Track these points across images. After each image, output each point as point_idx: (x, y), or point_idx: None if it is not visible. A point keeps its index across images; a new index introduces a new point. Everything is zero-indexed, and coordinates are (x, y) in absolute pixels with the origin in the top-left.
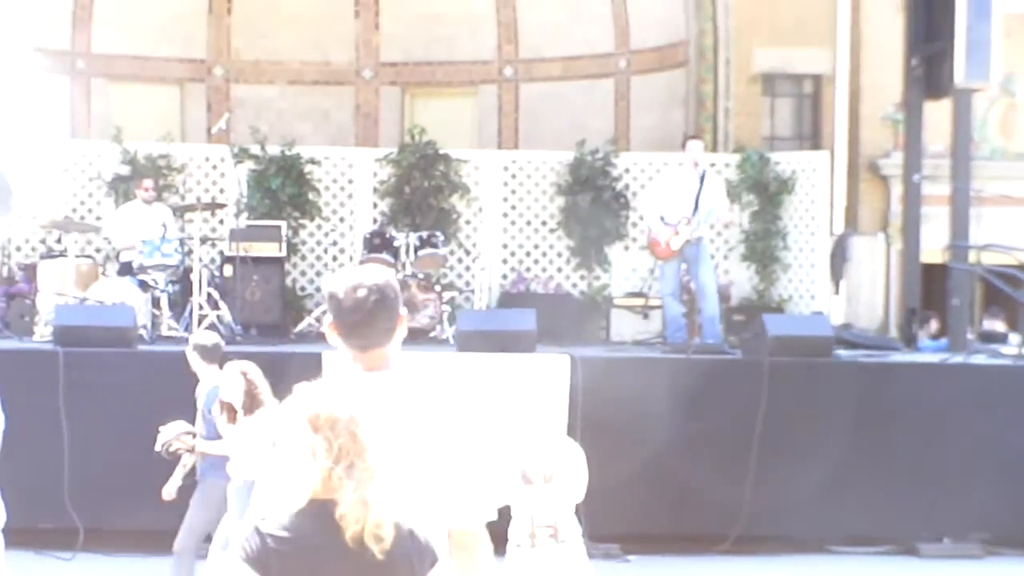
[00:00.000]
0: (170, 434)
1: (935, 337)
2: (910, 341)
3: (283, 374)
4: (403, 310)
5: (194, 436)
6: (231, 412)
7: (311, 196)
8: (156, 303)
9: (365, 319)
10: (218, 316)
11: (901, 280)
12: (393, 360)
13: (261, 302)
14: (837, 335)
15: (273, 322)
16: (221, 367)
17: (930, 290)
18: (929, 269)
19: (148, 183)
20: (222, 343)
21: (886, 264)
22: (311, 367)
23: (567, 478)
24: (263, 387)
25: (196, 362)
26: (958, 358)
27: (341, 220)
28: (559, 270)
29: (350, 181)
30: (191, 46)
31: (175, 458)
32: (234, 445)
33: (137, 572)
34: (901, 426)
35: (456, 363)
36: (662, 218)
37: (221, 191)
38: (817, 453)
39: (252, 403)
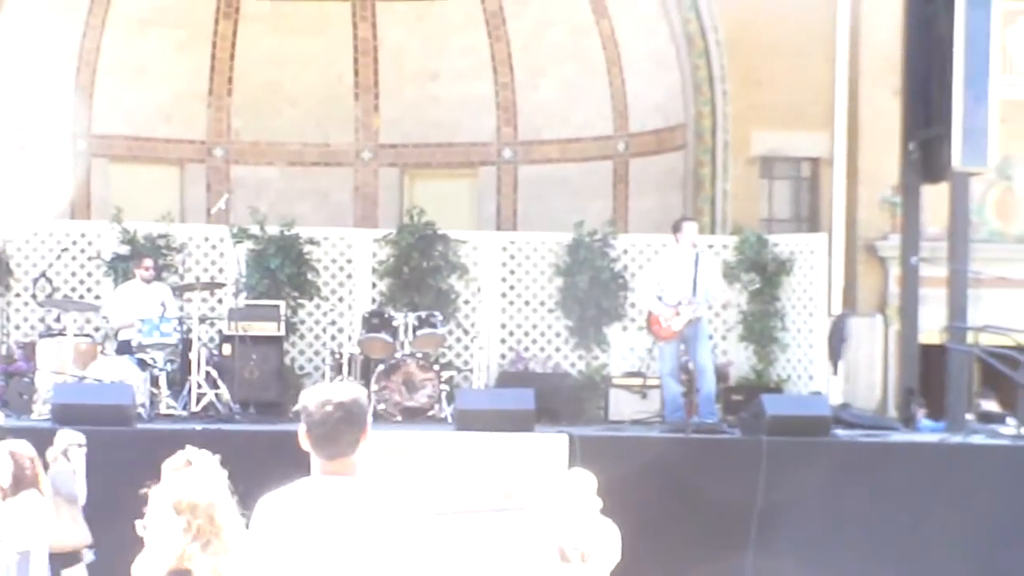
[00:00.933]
0: None
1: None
2: (908, 421)
3: (281, 452)
4: (370, 422)
5: None
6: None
7: (310, 276)
8: (155, 382)
9: (331, 432)
10: (216, 395)
11: (899, 360)
12: (359, 468)
13: (260, 381)
14: (835, 415)
15: (271, 401)
16: None
17: (928, 371)
18: (927, 350)
19: (148, 263)
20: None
21: (884, 345)
22: None
23: (603, 556)
24: (34, 465)
25: None
26: (957, 438)
27: (340, 300)
28: (557, 350)
29: (349, 261)
30: (191, 127)
31: None
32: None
33: None
34: (899, 505)
35: (455, 442)
36: (660, 299)
37: (220, 271)
38: (816, 532)
39: (19, 484)
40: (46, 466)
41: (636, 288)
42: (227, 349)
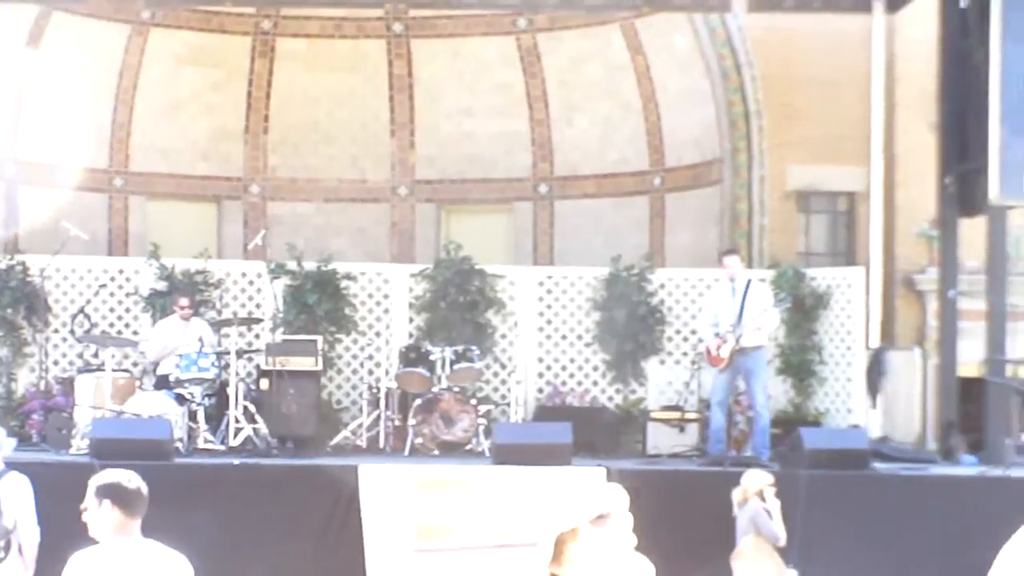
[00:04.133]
0: None
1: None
2: (948, 454)
3: (318, 487)
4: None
5: None
6: None
7: (347, 311)
8: (193, 416)
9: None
10: (254, 429)
11: (938, 394)
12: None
13: (297, 415)
14: (874, 448)
15: (309, 435)
16: None
17: (967, 404)
18: (966, 383)
19: (183, 302)
20: None
21: (923, 378)
22: (348, 479)
23: None
24: None
25: None
26: (997, 471)
27: (377, 335)
28: (595, 383)
29: (386, 296)
30: (228, 164)
31: None
32: None
33: None
34: (939, 539)
35: (492, 476)
36: (715, 331)
37: (257, 306)
38: (855, 566)
39: None
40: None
41: (696, 319)
42: (265, 384)
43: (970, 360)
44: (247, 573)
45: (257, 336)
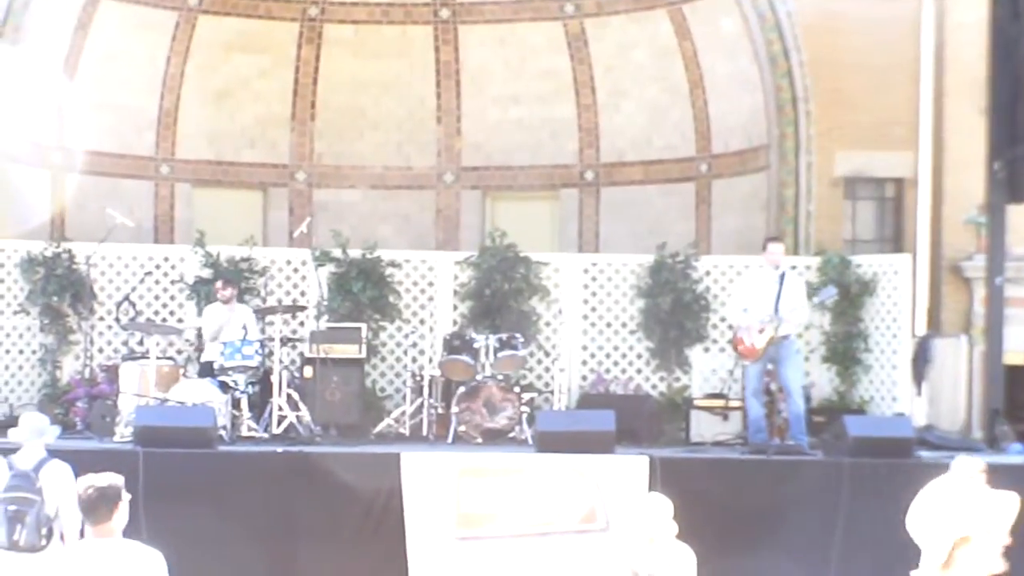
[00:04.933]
0: None
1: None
2: (993, 442)
3: (361, 475)
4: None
5: None
6: None
7: (391, 298)
8: (236, 404)
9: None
10: (298, 417)
11: (984, 381)
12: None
13: (341, 403)
14: (919, 436)
15: (352, 423)
16: None
17: (1013, 392)
18: (1012, 371)
19: (218, 284)
20: None
21: (969, 366)
22: (390, 467)
23: None
24: None
25: None
26: None
27: (421, 322)
28: (639, 371)
29: (430, 284)
30: (274, 151)
31: None
32: None
33: None
34: None
35: (535, 464)
36: (745, 318)
37: (302, 294)
38: (899, 555)
39: None
40: None
41: (725, 307)
42: (308, 371)
43: (1017, 348)
44: (289, 559)
45: (302, 324)
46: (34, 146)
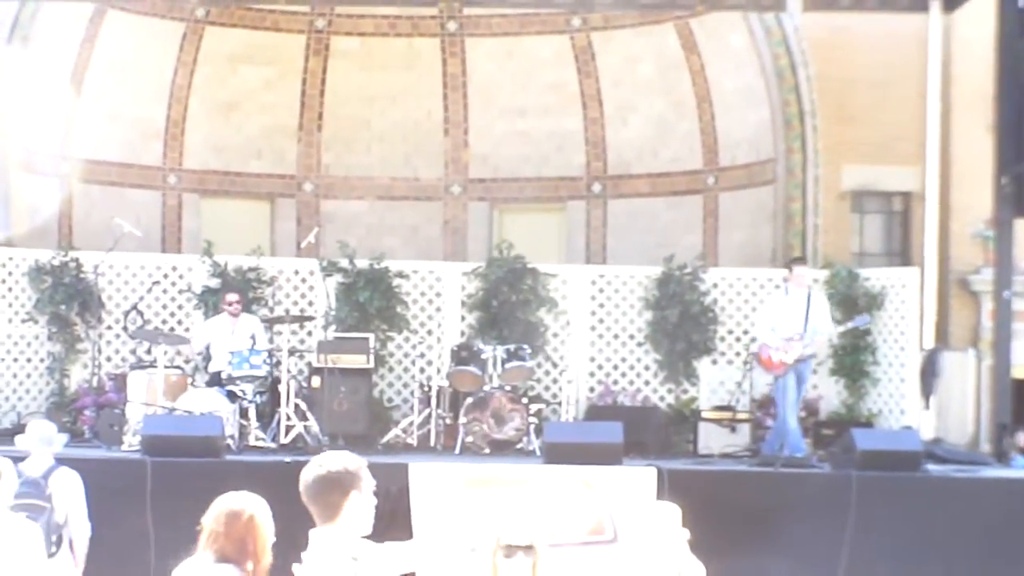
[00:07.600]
0: None
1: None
2: (1001, 456)
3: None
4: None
5: None
6: None
7: (399, 309)
8: (244, 414)
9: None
10: (305, 427)
11: (992, 395)
12: None
13: (348, 413)
14: (927, 450)
15: (360, 433)
16: None
17: (1021, 406)
18: (1020, 384)
19: (230, 298)
20: None
21: (976, 379)
22: (397, 477)
23: None
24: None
25: None
26: None
27: (429, 333)
28: (647, 383)
29: (438, 294)
30: (281, 162)
31: None
32: None
33: None
34: (992, 542)
35: (543, 475)
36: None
37: (310, 304)
38: (906, 568)
39: None
40: None
41: (755, 327)
42: (316, 381)
43: None
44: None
45: (309, 333)
46: (42, 155)
